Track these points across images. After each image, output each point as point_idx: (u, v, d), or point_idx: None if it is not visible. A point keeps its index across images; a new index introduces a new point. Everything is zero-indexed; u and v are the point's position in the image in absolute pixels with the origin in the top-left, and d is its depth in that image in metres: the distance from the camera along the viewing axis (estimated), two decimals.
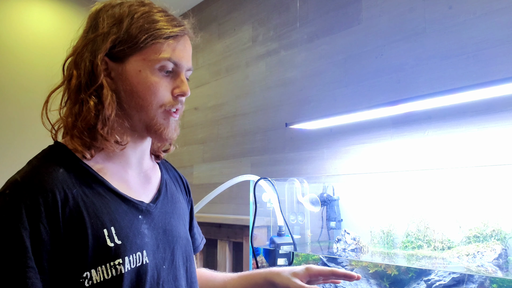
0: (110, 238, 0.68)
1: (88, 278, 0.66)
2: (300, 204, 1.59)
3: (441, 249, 1.25)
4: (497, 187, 1.19)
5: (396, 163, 1.46)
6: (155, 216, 0.78)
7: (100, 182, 0.72)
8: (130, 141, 0.77)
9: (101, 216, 0.69)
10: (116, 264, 0.68)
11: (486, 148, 1.25)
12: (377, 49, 1.56)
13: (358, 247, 1.39)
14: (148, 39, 0.72)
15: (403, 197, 1.39)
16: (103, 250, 0.67)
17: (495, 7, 1.25)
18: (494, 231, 1.17)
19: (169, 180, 0.90)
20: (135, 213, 0.75)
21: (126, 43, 0.72)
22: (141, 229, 0.74)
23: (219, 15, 2.42)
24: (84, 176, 0.71)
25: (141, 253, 0.72)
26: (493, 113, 1.24)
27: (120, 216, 0.72)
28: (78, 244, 0.66)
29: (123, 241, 0.70)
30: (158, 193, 0.83)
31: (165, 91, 0.74)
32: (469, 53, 1.31)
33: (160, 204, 0.81)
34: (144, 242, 0.73)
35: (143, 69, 0.73)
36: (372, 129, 1.54)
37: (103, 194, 0.72)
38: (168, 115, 0.76)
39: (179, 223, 0.84)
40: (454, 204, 1.26)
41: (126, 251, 0.69)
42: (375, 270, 1.37)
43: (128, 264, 0.69)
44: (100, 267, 0.66)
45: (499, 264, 1.10)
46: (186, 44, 0.77)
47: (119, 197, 0.74)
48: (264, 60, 2.07)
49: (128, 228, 0.72)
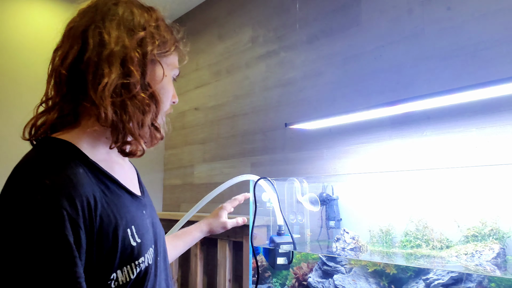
0: (133, 237, 0.68)
1: (115, 279, 0.64)
2: (300, 204, 1.59)
3: (440, 248, 1.26)
4: (496, 187, 1.19)
5: (395, 163, 1.47)
6: (148, 209, 0.79)
7: (113, 180, 0.70)
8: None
9: (124, 216, 0.68)
10: (140, 263, 0.68)
11: (484, 148, 1.26)
12: (376, 50, 1.57)
13: (357, 246, 1.40)
14: (171, 46, 0.77)
15: (402, 196, 1.39)
16: (129, 250, 0.66)
17: (493, 8, 1.27)
18: (492, 230, 1.18)
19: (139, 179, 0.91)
20: (141, 209, 0.75)
21: (163, 47, 0.75)
22: (147, 224, 0.75)
23: (219, 16, 2.43)
24: (98, 174, 0.68)
25: (152, 248, 0.73)
26: (491, 113, 1.25)
27: (136, 213, 0.72)
28: (110, 246, 0.64)
29: (141, 238, 0.70)
30: (140, 186, 0.84)
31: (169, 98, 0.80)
32: (467, 54, 1.32)
33: (146, 196, 0.83)
34: (151, 237, 0.75)
35: (167, 74, 0.77)
36: (371, 129, 1.55)
37: (117, 192, 0.70)
38: (163, 120, 0.80)
39: (158, 217, 0.86)
40: (453, 204, 1.27)
41: (145, 248, 0.70)
42: (374, 269, 1.38)
43: (146, 261, 0.70)
44: (125, 267, 0.65)
45: (497, 263, 1.11)
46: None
47: (129, 193, 0.73)
48: (264, 61, 2.08)
49: (141, 225, 0.72)
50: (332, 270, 1.48)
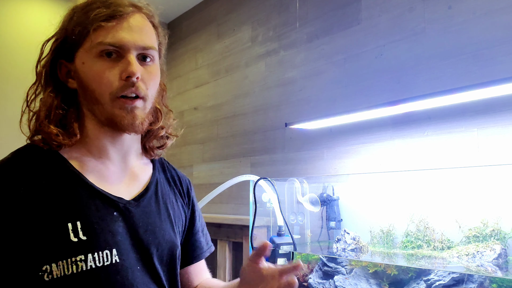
0: (75, 233, 0.66)
1: (48, 272, 0.64)
2: (300, 204, 1.59)
3: (441, 249, 1.25)
4: (497, 187, 1.19)
5: (395, 163, 1.46)
6: (136, 214, 0.74)
7: (75, 176, 0.71)
8: (107, 137, 0.75)
9: (67, 210, 0.67)
10: (77, 260, 0.65)
11: (485, 148, 1.25)
12: (377, 49, 1.57)
13: (357, 247, 1.40)
14: (84, 30, 0.70)
15: (403, 197, 1.39)
16: (65, 245, 0.65)
17: (495, 7, 1.26)
18: (494, 231, 1.18)
19: (162, 180, 0.86)
20: (109, 209, 0.72)
21: (68, 41, 0.73)
22: (114, 226, 0.71)
23: (219, 15, 2.42)
24: (58, 168, 0.70)
25: (109, 251, 0.68)
26: (492, 113, 1.24)
27: (91, 211, 0.69)
28: (38, 237, 0.64)
29: (89, 237, 0.67)
30: (144, 191, 0.79)
31: (112, 78, 0.70)
32: (468, 53, 1.31)
33: (145, 203, 0.77)
34: (115, 240, 0.70)
35: (85, 61, 0.71)
36: (372, 129, 1.54)
37: (75, 187, 0.70)
38: (122, 103, 0.70)
39: (165, 225, 0.79)
40: (454, 204, 1.27)
41: (91, 247, 0.67)
42: (375, 270, 1.37)
43: (93, 262, 0.66)
44: (61, 261, 0.65)
45: (499, 264, 1.11)
46: (133, 22, 0.72)
47: (94, 191, 0.71)
48: (264, 60, 2.07)
49: (97, 224, 0.69)
50: (332, 271, 1.47)
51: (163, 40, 0.81)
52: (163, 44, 0.82)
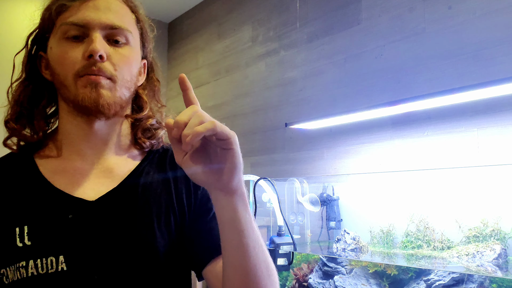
0: (20, 238, 0.62)
1: (6, 276, 0.63)
2: (300, 204, 1.59)
3: (441, 249, 1.25)
4: (497, 187, 1.19)
5: (395, 163, 1.46)
6: (96, 217, 0.65)
7: (36, 178, 0.67)
8: (79, 130, 0.70)
9: (17, 213, 0.64)
10: (19, 267, 0.61)
11: (485, 148, 1.25)
12: (377, 49, 1.56)
13: (357, 247, 1.40)
14: (50, 15, 0.67)
15: (403, 197, 1.39)
16: (12, 250, 0.62)
17: (495, 7, 1.26)
18: (494, 231, 1.18)
19: (153, 172, 0.74)
20: (64, 211, 0.65)
21: (39, 33, 0.71)
22: (67, 230, 0.64)
23: (219, 15, 2.42)
24: (24, 173, 0.68)
25: (55, 258, 0.61)
26: (492, 113, 1.24)
27: (42, 213, 0.64)
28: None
29: (33, 242, 0.62)
30: (117, 189, 0.69)
31: (74, 58, 0.65)
32: (468, 53, 1.31)
33: (114, 202, 0.67)
34: (64, 245, 0.62)
35: (53, 45, 0.68)
36: (372, 129, 1.54)
37: (33, 188, 0.67)
38: (86, 80, 0.64)
39: (142, 226, 0.67)
40: (454, 204, 1.27)
41: (33, 254, 0.61)
42: (375, 269, 1.37)
43: (34, 269, 0.61)
44: (9, 266, 0.62)
45: (499, 264, 1.11)
46: (100, 1, 0.67)
47: (50, 193, 0.66)
48: (264, 60, 2.07)
49: (46, 228, 0.63)
50: (332, 271, 1.47)
51: (146, 28, 0.75)
52: (147, 34, 0.75)
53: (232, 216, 0.57)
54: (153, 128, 0.77)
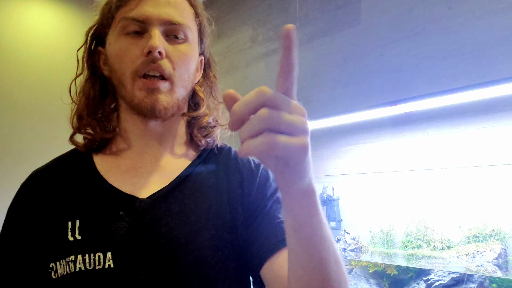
0: (72, 232, 0.63)
1: (54, 270, 0.63)
2: None
3: (441, 249, 1.25)
4: (497, 187, 1.19)
5: (396, 163, 1.46)
6: (147, 215, 0.64)
7: (92, 174, 0.68)
8: (135, 128, 0.69)
9: (71, 208, 0.65)
10: (69, 261, 0.61)
11: (485, 148, 1.25)
12: (377, 49, 1.57)
13: (357, 247, 1.40)
14: (110, 9, 0.66)
15: (403, 197, 1.39)
16: (63, 244, 0.62)
17: (495, 7, 1.26)
18: (494, 231, 1.18)
19: (205, 174, 0.71)
20: (116, 208, 0.64)
21: (98, 28, 0.70)
22: (116, 227, 0.62)
23: (219, 15, 2.42)
24: (82, 169, 0.70)
25: (103, 254, 0.60)
26: (492, 113, 1.24)
27: (94, 209, 0.64)
28: (44, 235, 0.64)
29: (84, 236, 0.62)
30: (168, 187, 0.67)
31: (134, 55, 0.63)
32: (468, 53, 1.31)
33: (166, 200, 0.65)
34: (112, 242, 0.61)
35: (112, 41, 0.67)
36: (372, 129, 1.54)
37: (88, 183, 0.67)
38: (143, 84, 0.63)
39: (192, 226, 0.64)
40: (454, 204, 1.27)
41: (82, 248, 0.61)
42: (375, 269, 1.37)
43: (82, 264, 0.60)
44: (60, 261, 0.62)
45: (499, 263, 1.11)
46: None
47: (104, 189, 0.66)
48: (264, 60, 2.07)
49: (96, 224, 0.62)
50: None
51: (205, 23, 0.74)
52: (206, 29, 0.74)
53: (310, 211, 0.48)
54: (209, 126, 0.76)
